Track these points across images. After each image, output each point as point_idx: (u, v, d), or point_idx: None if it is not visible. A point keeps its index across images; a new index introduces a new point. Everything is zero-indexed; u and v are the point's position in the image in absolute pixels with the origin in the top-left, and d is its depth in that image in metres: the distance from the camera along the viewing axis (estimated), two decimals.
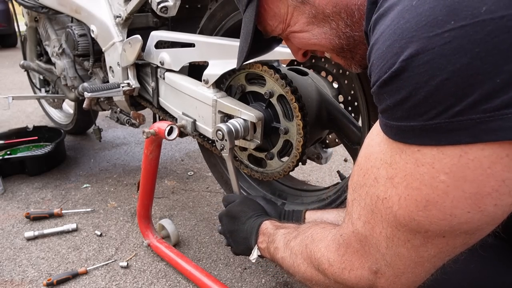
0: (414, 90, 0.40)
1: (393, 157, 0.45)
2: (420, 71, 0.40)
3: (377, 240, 0.50)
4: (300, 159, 0.97)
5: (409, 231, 0.46)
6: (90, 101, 1.53)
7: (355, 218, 0.53)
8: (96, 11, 1.44)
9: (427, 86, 0.39)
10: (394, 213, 0.46)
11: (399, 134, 0.44)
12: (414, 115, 0.41)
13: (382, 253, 0.50)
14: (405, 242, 0.47)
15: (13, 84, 3.83)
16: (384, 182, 0.47)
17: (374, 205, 0.49)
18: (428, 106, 0.40)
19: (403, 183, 0.44)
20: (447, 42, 0.38)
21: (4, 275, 1.24)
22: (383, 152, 0.47)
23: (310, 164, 1.87)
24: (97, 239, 1.42)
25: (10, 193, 1.74)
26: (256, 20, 0.67)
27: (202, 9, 1.41)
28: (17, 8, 2.09)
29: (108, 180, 1.88)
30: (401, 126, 0.43)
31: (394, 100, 0.42)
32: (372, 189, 0.49)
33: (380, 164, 0.47)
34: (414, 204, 0.44)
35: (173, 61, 1.21)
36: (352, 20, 0.59)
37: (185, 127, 1.18)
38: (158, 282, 1.21)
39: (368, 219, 0.51)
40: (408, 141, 0.43)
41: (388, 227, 0.48)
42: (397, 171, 0.45)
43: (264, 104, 1.00)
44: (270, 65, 0.96)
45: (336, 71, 1.10)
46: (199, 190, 1.79)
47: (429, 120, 0.40)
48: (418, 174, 0.43)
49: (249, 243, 0.84)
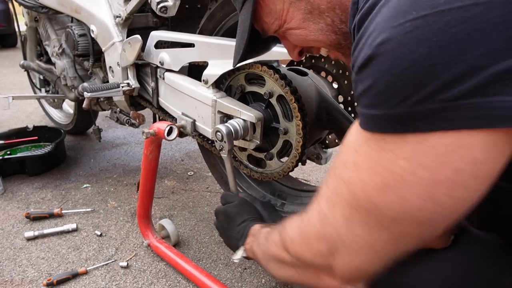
0: (377, 79, 0.41)
1: (360, 145, 0.47)
2: (384, 60, 0.41)
3: (336, 219, 0.52)
4: (299, 159, 0.97)
5: (367, 213, 0.48)
6: (90, 101, 1.53)
7: (321, 197, 0.55)
8: (96, 11, 1.44)
9: (388, 75, 0.40)
10: (355, 195, 0.48)
11: (365, 122, 0.46)
12: (376, 103, 0.42)
13: (339, 232, 0.52)
14: (361, 222, 0.49)
15: (13, 84, 3.83)
16: (350, 166, 0.49)
17: (338, 187, 0.51)
18: (388, 95, 0.41)
19: (366, 168, 0.46)
20: (408, 31, 0.39)
21: (4, 275, 1.25)
22: (353, 140, 0.49)
23: (310, 164, 1.87)
24: (97, 239, 1.42)
25: (10, 193, 1.74)
26: (252, 17, 0.67)
27: (202, 9, 1.41)
28: (17, 8, 2.09)
29: (108, 180, 1.88)
30: (367, 114, 0.44)
31: (363, 87, 0.44)
32: (339, 172, 0.51)
33: (349, 150, 0.49)
34: (374, 188, 0.45)
35: (173, 61, 1.21)
36: (346, 16, 0.59)
37: (184, 127, 1.19)
38: (158, 282, 1.21)
39: (331, 199, 0.53)
40: (372, 129, 0.45)
41: (348, 207, 0.50)
42: (362, 157, 0.47)
43: (264, 104, 1.00)
44: (270, 65, 0.96)
45: (336, 71, 1.10)
46: (199, 190, 1.79)
47: (390, 108, 0.41)
48: (380, 160, 0.44)
49: (237, 244, 0.87)
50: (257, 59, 0.92)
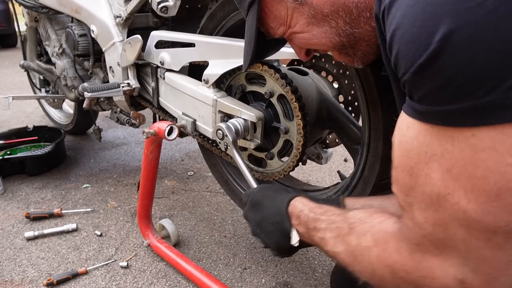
0: (459, 69, 0.37)
1: (443, 146, 0.41)
2: (463, 47, 0.37)
3: (454, 243, 0.43)
4: (300, 159, 0.97)
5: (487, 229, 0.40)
6: (90, 101, 1.53)
7: (422, 222, 0.46)
8: (96, 11, 1.44)
9: (473, 62, 0.36)
10: (463, 209, 0.41)
11: (447, 119, 0.40)
12: (462, 95, 0.38)
13: (464, 258, 0.43)
14: (485, 242, 0.41)
15: (13, 84, 3.83)
16: (440, 176, 0.41)
17: (438, 204, 0.43)
18: (477, 83, 0.37)
19: (464, 174, 0.39)
20: (491, 10, 0.35)
21: (4, 275, 1.24)
22: (427, 144, 0.42)
23: (310, 164, 1.87)
24: (97, 239, 1.42)
25: (10, 193, 1.74)
26: (258, 23, 0.68)
27: (202, 9, 1.41)
28: (17, 8, 2.09)
29: (108, 180, 1.88)
30: (449, 110, 0.39)
31: (437, 83, 0.39)
32: (427, 187, 0.43)
33: (427, 158, 0.42)
34: (484, 195, 0.39)
35: (173, 61, 1.21)
36: (351, 18, 0.59)
37: (185, 127, 1.18)
38: (158, 282, 1.21)
39: (436, 221, 0.44)
40: (458, 125, 0.39)
41: (461, 226, 0.42)
42: (453, 161, 0.40)
43: (264, 104, 1.00)
44: (270, 65, 0.96)
45: (337, 71, 1.10)
46: (199, 190, 1.79)
47: (481, 98, 0.37)
48: (479, 161, 0.38)
49: (282, 228, 0.70)
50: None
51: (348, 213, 0.62)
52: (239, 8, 0.72)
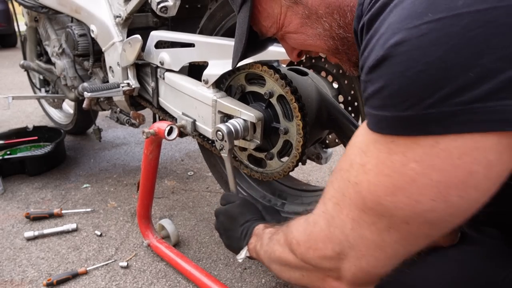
0: (390, 80, 0.41)
1: (368, 146, 0.47)
2: (398, 61, 0.40)
3: (343, 222, 0.51)
4: (300, 159, 0.97)
5: (375, 215, 0.47)
6: (90, 101, 1.53)
7: (327, 199, 0.55)
8: (96, 11, 1.44)
9: (402, 77, 0.40)
10: (362, 197, 0.48)
11: (375, 124, 0.45)
12: (388, 105, 0.42)
13: (346, 235, 0.51)
14: (369, 224, 0.48)
15: (13, 84, 3.83)
16: (357, 168, 0.48)
17: (345, 189, 0.50)
18: (401, 97, 0.41)
19: (374, 170, 0.46)
20: (424, 33, 0.39)
21: (4, 275, 1.24)
22: (361, 141, 0.49)
23: (310, 164, 1.87)
24: (97, 239, 1.42)
25: (10, 193, 1.74)
26: (250, 21, 0.67)
27: (202, 9, 1.41)
28: (17, 8, 2.09)
29: (108, 180, 1.88)
30: (377, 116, 0.44)
31: (374, 88, 0.43)
32: (346, 173, 0.50)
33: (357, 151, 0.49)
34: (383, 190, 0.45)
35: (173, 61, 1.21)
36: (345, 21, 0.59)
37: (185, 127, 1.18)
38: (158, 282, 1.21)
39: (338, 201, 0.52)
40: (383, 131, 0.44)
41: (355, 209, 0.49)
42: (370, 158, 0.46)
43: (264, 104, 1.00)
44: (270, 65, 0.96)
45: (336, 71, 1.10)
46: (199, 190, 1.79)
47: (402, 111, 0.41)
48: (389, 162, 0.44)
49: (241, 244, 0.85)
50: (257, 58, 0.92)
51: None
52: (231, 4, 0.72)
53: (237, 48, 0.73)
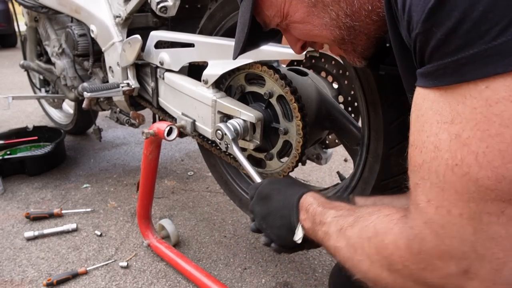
0: (468, 8, 0.34)
1: (455, 110, 0.36)
2: None
3: (458, 227, 0.38)
4: (299, 159, 0.97)
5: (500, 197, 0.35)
6: (90, 101, 1.53)
7: (423, 205, 0.41)
8: (96, 11, 1.44)
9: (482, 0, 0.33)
10: (474, 179, 0.36)
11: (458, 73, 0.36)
12: (473, 38, 0.34)
13: (470, 242, 0.38)
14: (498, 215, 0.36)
15: (13, 84, 3.83)
16: (448, 145, 0.37)
17: (444, 180, 0.38)
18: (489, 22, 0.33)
19: (476, 136, 0.35)
20: None
21: (4, 275, 1.25)
22: (439, 112, 0.38)
23: (310, 164, 1.87)
24: (97, 239, 1.42)
25: (10, 193, 1.74)
26: (253, 9, 0.65)
27: (201, 9, 1.41)
28: (17, 8, 2.09)
29: (108, 180, 1.88)
30: (460, 60, 0.35)
31: (446, 28, 0.35)
32: (435, 161, 0.39)
33: (438, 128, 0.38)
34: (499, 156, 0.34)
35: (173, 61, 1.21)
36: (352, 10, 0.57)
37: (184, 127, 1.18)
38: (158, 282, 1.21)
39: (440, 202, 0.39)
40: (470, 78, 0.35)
41: (469, 202, 0.37)
42: (464, 123, 0.36)
43: (264, 105, 0.99)
44: (270, 65, 0.96)
45: (336, 71, 1.10)
46: (199, 190, 1.79)
47: (494, 40, 0.33)
48: (494, 116, 0.34)
49: (288, 221, 0.67)
50: (257, 58, 0.92)
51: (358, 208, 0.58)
52: None
53: (239, 38, 0.71)
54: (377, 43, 0.61)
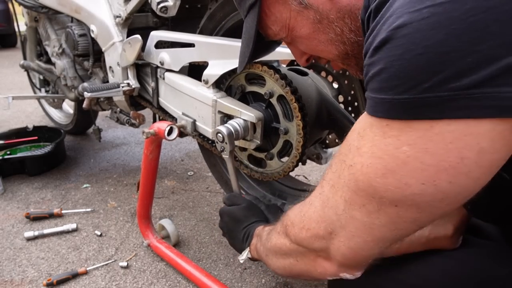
0: (389, 63, 0.41)
1: (365, 130, 0.48)
2: (398, 44, 0.41)
3: (336, 202, 0.53)
4: (300, 159, 0.97)
5: (366, 196, 0.48)
6: (90, 101, 1.53)
7: (325, 181, 0.56)
8: (96, 11, 1.44)
9: (401, 60, 0.40)
10: (355, 179, 0.49)
11: (373, 107, 0.45)
12: (386, 88, 0.42)
13: (339, 215, 0.53)
14: (360, 206, 0.50)
15: (13, 84, 3.83)
16: (353, 151, 0.49)
17: (341, 170, 0.52)
18: (399, 80, 0.41)
19: (368, 153, 0.47)
20: (425, 17, 0.39)
21: (4, 275, 1.24)
22: (359, 126, 0.50)
23: (310, 164, 1.87)
24: (97, 239, 1.42)
25: (10, 193, 1.74)
26: (257, 25, 0.67)
27: (202, 9, 1.41)
28: (17, 8, 2.09)
29: (108, 180, 1.88)
30: (375, 99, 0.44)
31: (374, 70, 0.44)
32: (343, 157, 0.52)
33: (355, 136, 0.50)
34: (374, 172, 0.46)
35: (173, 61, 1.21)
36: (356, 25, 0.59)
37: (185, 127, 1.18)
38: (158, 282, 1.21)
39: (334, 183, 0.54)
40: (379, 115, 0.45)
41: (348, 191, 0.51)
42: (366, 142, 0.47)
43: (264, 105, 0.99)
44: (270, 65, 0.96)
45: (336, 71, 1.10)
46: (199, 190, 1.79)
47: (399, 94, 0.41)
48: (383, 145, 0.45)
49: (243, 246, 0.87)
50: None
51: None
52: (238, 8, 0.71)
53: (244, 52, 0.73)
54: None
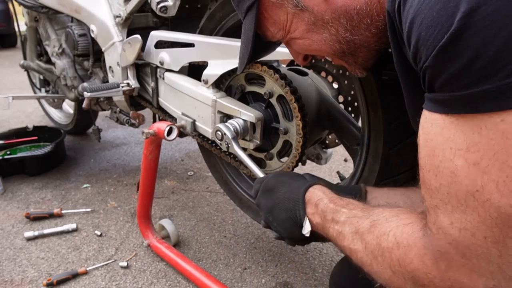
0: (482, 47, 0.36)
1: (470, 138, 0.38)
2: (486, 24, 0.35)
3: (484, 249, 0.40)
4: (299, 159, 0.97)
5: None
6: (90, 101, 1.53)
7: (447, 227, 0.43)
8: (96, 11, 1.44)
9: (498, 38, 0.35)
10: (495, 205, 0.37)
11: (472, 105, 0.37)
12: (487, 76, 0.36)
13: (497, 264, 0.40)
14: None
15: (13, 84, 3.83)
16: (467, 172, 0.39)
17: (465, 205, 0.40)
18: (502, 61, 0.35)
19: (495, 165, 0.37)
20: None
21: (4, 275, 1.24)
22: (451, 139, 0.40)
23: (310, 164, 1.87)
24: (97, 239, 1.42)
25: (10, 193, 1.74)
26: (256, 27, 0.67)
27: (202, 9, 1.41)
28: (17, 8, 2.09)
29: (108, 180, 1.88)
30: (473, 94, 0.37)
31: (459, 64, 0.37)
32: (453, 186, 0.40)
33: (452, 154, 0.40)
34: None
35: (173, 61, 1.21)
36: (352, 25, 0.58)
37: (184, 127, 1.18)
38: (158, 282, 1.21)
39: (463, 225, 0.41)
40: (485, 110, 0.36)
41: (492, 227, 0.38)
42: (481, 152, 0.37)
43: (264, 104, 0.99)
44: (270, 65, 0.96)
45: (336, 71, 1.10)
46: (199, 190, 1.79)
47: (506, 78, 0.35)
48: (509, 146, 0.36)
49: (294, 214, 0.67)
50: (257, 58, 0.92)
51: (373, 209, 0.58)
52: (236, 10, 0.72)
53: (243, 54, 0.73)
54: (377, 54, 0.63)
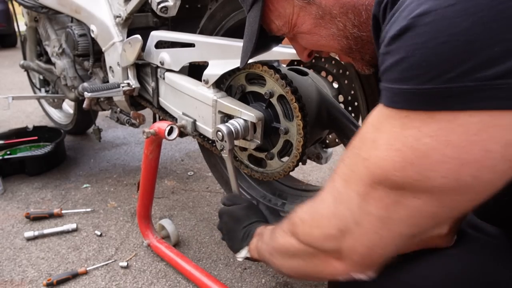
0: (411, 51, 0.40)
1: (381, 122, 0.46)
2: (421, 32, 0.39)
3: (350, 197, 0.50)
4: (300, 159, 0.97)
5: (383, 190, 0.46)
6: (90, 101, 1.53)
7: (337, 175, 0.53)
8: (96, 11, 1.44)
9: (424, 48, 0.39)
10: (371, 173, 0.47)
11: (390, 98, 0.44)
12: (407, 78, 0.41)
13: (352, 211, 0.50)
14: (376, 200, 0.47)
15: (13, 84, 3.83)
16: (368, 143, 0.47)
17: (355, 164, 0.49)
18: (421, 69, 0.39)
19: (385, 145, 0.45)
20: (450, 4, 0.38)
21: (4, 275, 1.24)
22: (374, 118, 0.48)
23: (310, 164, 1.87)
24: (97, 239, 1.42)
25: (10, 193, 1.74)
26: (261, 20, 0.66)
27: (202, 9, 1.41)
28: (17, 8, 2.09)
29: (108, 180, 1.88)
30: (393, 89, 0.43)
31: (393, 60, 0.42)
32: (357, 150, 0.50)
33: (369, 128, 0.48)
34: (392, 165, 0.44)
35: (173, 61, 1.21)
36: (360, 20, 0.58)
37: (185, 127, 1.18)
38: (158, 282, 1.21)
39: (346, 177, 0.51)
40: (397, 106, 0.43)
41: (363, 185, 0.48)
42: (382, 134, 0.45)
43: (264, 104, 0.99)
44: (270, 65, 0.96)
45: (336, 71, 1.10)
46: (199, 190, 1.79)
47: (422, 84, 0.39)
48: (402, 137, 0.43)
49: (242, 245, 0.85)
50: (258, 58, 0.92)
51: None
52: (241, 3, 0.71)
53: (247, 47, 0.72)
54: None
